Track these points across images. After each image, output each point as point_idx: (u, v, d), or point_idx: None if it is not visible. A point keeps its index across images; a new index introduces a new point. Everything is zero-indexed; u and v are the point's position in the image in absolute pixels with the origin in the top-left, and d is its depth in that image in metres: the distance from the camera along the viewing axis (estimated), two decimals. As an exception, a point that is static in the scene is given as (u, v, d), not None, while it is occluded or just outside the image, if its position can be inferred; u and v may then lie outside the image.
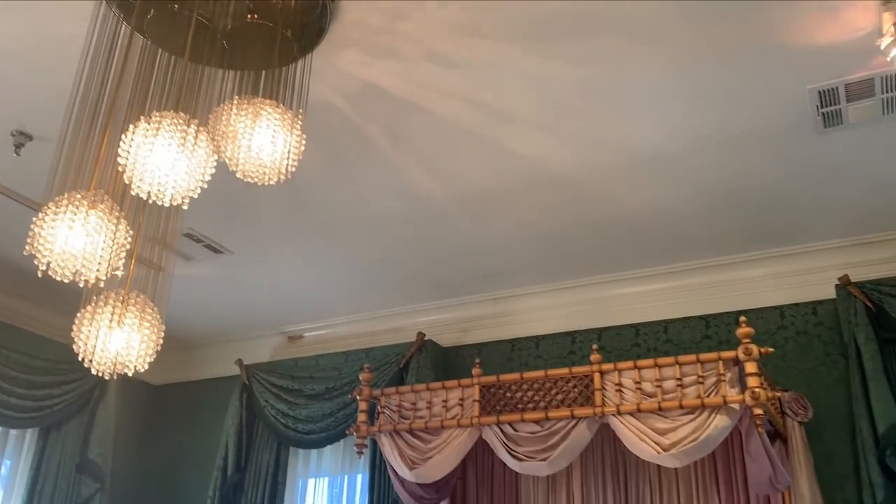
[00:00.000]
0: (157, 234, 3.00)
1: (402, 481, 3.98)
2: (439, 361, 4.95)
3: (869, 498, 3.60)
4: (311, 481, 5.31)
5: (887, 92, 3.06)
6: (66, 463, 5.01)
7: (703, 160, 3.55)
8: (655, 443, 3.30)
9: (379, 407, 4.05)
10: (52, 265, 2.28)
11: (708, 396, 3.28)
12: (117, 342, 2.41)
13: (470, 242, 4.36)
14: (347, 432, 4.05)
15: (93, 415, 5.13)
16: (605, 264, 4.57)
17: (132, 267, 2.76)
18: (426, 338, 4.92)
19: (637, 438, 3.36)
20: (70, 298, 2.75)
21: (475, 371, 3.89)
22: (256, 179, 2.50)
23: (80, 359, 2.42)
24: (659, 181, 3.73)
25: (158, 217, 3.00)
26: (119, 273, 2.81)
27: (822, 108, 3.15)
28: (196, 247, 4.47)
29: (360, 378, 4.07)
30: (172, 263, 3.72)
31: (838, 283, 4.00)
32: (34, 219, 2.32)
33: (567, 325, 4.82)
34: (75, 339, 2.44)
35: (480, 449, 4.49)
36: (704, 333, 4.41)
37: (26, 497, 4.83)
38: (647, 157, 3.54)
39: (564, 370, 3.70)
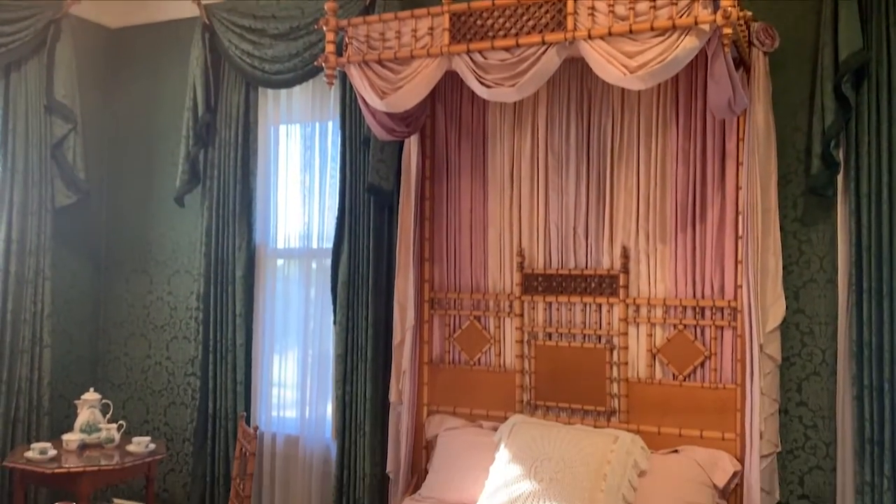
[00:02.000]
0: None
1: (373, 113, 4.05)
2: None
3: (818, 122, 3.79)
4: (282, 127, 5.39)
5: None
6: (34, 103, 5.03)
7: None
8: (623, 65, 3.33)
9: (346, 39, 3.97)
10: None
11: (680, 17, 3.25)
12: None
13: None
14: (316, 63, 4.00)
15: (51, 55, 5.03)
16: None
17: None
18: (392, -29, 4.67)
19: (605, 61, 3.37)
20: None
21: (445, -1, 3.76)
22: None
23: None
24: None
25: None
26: None
27: None
28: None
29: (325, 7, 3.92)
30: None
31: None
32: None
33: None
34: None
35: (449, 87, 4.55)
36: (682, -36, 4.24)
37: (0, 136, 4.91)
38: None
39: (538, -6, 3.58)
